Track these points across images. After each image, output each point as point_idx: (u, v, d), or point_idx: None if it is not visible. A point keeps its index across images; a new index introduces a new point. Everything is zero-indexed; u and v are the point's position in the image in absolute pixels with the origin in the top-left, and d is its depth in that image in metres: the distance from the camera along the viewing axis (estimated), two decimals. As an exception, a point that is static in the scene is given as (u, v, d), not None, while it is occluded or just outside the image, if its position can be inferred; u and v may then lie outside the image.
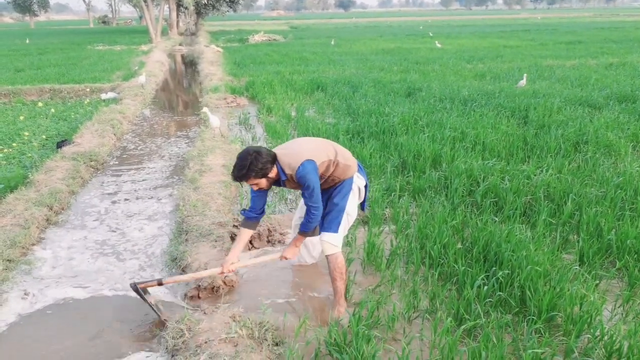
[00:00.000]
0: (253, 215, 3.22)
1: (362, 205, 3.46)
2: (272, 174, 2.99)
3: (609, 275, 3.42)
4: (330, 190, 3.21)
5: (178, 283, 3.39)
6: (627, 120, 7.22)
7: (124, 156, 7.20)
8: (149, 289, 3.24)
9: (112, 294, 3.61)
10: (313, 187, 2.96)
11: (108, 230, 4.71)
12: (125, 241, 4.46)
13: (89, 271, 3.94)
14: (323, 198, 3.14)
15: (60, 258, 4.16)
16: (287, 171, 2.99)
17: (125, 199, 5.49)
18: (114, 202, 5.38)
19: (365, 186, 3.35)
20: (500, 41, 24.09)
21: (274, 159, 2.99)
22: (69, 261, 4.10)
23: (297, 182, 3.00)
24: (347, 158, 3.17)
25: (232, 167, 3.01)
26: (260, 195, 3.18)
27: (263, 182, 3.00)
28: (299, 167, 2.94)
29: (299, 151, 3.03)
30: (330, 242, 3.12)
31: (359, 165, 3.33)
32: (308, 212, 3.04)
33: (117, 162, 6.89)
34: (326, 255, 3.16)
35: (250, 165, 2.88)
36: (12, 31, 48.42)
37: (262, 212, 3.26)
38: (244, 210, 3.28)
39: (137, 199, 5.50)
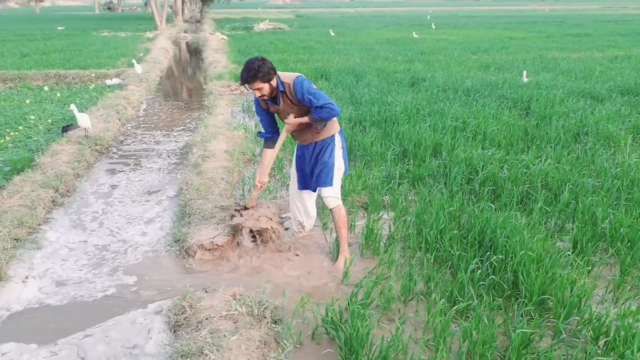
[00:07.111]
0: (269, 135, 3.69)
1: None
2: (274, 82, 3.34)
3: (602, 261, 3.49)
4: (317, 148, 3.58)
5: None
6: (628, 112, 7.24)
7: (128, 141, 7.29)
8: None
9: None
10: (315, 91, 3.32)
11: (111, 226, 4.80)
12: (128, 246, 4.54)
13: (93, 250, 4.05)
14: (312, 156, 3.59)
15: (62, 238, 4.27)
16: (286, 80, 3.35)
17: (126, 188, 5.57)
18: (108, 205, 5.05)
19: (343, 147, 3.68)
20: (506, 32, 23.93)
21: (275, 70, 3.33)
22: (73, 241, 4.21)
23: (294, 92, 3.33)
24: None
25: (240, 73, 3.31)
26: (266, 119, 3.63)
27: (266, 88, 3.33)
28: (296, 77, 3.33)
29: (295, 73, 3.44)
30: (331, 195, 3.56)
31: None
32: (325, 108, 3.31)
33: (120, 148, 6.99)
34: (331, 209, 3.62)
35: (258, 68, 3.23)
36: (18, 17, 48.32)
37: (277, 132, 3.70)
38: (260, 132, 3.75)
39: (136, 198, 5.56)
